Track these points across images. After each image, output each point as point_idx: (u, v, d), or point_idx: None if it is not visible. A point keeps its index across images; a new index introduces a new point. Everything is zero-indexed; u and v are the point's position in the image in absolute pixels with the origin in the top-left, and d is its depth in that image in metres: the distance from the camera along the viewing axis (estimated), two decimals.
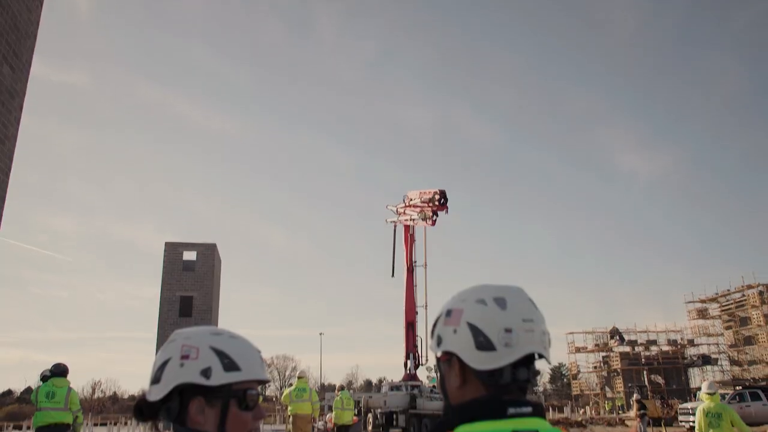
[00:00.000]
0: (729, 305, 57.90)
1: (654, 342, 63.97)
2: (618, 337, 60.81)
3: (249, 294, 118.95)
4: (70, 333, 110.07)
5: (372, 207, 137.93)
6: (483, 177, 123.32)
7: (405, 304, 35.02)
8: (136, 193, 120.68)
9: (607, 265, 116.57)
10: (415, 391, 29.11)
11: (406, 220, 35.43)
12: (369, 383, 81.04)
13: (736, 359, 57.59)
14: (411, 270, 35.63)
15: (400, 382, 31.93)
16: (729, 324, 58.15)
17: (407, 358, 33.78)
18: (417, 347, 33.87)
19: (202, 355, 1.31)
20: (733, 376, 55.94)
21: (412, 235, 36.15)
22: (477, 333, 1.13)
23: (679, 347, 62.60)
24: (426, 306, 34.56)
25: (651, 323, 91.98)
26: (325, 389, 54.83)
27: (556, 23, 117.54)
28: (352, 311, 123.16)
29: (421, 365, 33.65)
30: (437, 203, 32.27)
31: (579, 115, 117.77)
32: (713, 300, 59.68)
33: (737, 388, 33.54)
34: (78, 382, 77.41)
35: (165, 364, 1.32)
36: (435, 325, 1.24)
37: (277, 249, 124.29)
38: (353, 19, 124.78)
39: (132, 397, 76.63)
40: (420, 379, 32.83)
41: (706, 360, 59.70)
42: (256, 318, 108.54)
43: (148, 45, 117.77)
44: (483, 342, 1.12)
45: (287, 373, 79.68)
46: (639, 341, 63.90)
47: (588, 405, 62.69)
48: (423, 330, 34.09)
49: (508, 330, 1.13)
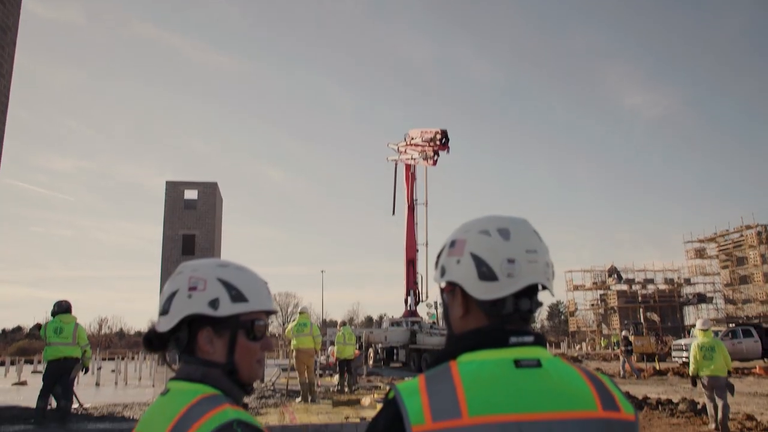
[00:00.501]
0: (727, 245, 58.35)
1: (651, 281, 64.83)
2: (616, 276, 61.58)
3: (250, 232, 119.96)
4: (74, 271, 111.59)
5: (372, 146, 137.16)
6: (484, 116, 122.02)
7: (406, 241, 35.26)
8: (135, 133, 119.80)
9: (607, 205, 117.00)
10: (415, 327, 29.68)
11: (407, 159, 35.21)
12: (370, 319, 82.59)
13: (730, 298, 58.51)
14: (412, 208, 35.71)
15: (400, 318, 32.48)
16: (726, 264, 58.77)
17: (408, 294, 34.27)
18: (417, 284, 34.32)
19: (209, 287, 1.32)
20: (727, 314, 56.97)
21: (413, 174, 36.02)
22: (480, 263, 1.12)
23: (676, 286, 63.50)
24: (426, 244, 34.88)
25: (649, 263, 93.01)
26: (327, 325, 55.87)
27: None
28: (353, 249, 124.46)
29: (422, 302, 34.22)
30: (438, 143, 31.96)
31: (582, 55, 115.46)
32: (712, 240, 60.09)
33: (730, 325, 34.21)
34: (85, 319, 78.98)
35: (173, 295, 1.34)
36: (439, 256, 1.23)
37: (278, 188, 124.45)
38: None
39: (138, 333, 78.28)
40: (420, 316, 33.42)
41: (701, 298, 60.65)
42: (257, 256, 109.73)
43: None
44: (485, 272, 1.12)
45: (289, 310, 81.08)
46: (636, 280, 64.74)
47: (584, 341, 64.13)
48: (423, 267, 34.55)
49: (510, 260, 1.12)
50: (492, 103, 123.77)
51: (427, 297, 34.28)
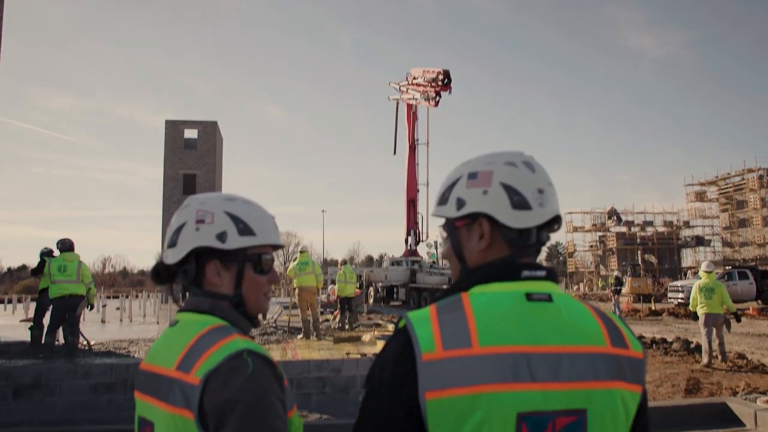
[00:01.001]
0: (728, 188, 58.26)
1: (650, 223, 65.09)
2: (615, 218, 61.72)
3: (251, 172, 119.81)
4: (75, 211, 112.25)
5: (374, 85, 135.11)
6: (487, 55, 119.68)
7: (406, 181, 35.26)
8: (133, 71, 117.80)
9: (609, 147, 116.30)
10: (416, 266, 30.08)
11: (408, 98, 34.74)
12: (370, 259, 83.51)
13: (728, 241, 58.88)
14: (413, 148, 35.52)
15: (400, 257, 32.89)
16: (725, 207, 58.85)
17: (408, 234, 34.54)
18: (418, 224, 34.52)
19: (217, 220, 1.32)
20: (724, 256, 57.49)
21: (414, 113, 35.64)
22: (512, 192, 1.12)
23: (675, 228, 63.80)
24: (427, 184, 34.91)
25: (649, 205, 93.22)
26: (328, 264, 56.54)
27: None
28: (353, 189, 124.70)
29: (422, 242, 34.51)
30: (441, 83, 31.35)
31: None
32: (712, 183, 59.96)
33: (727, 267, 34.58)
34: (88, 257, 79.83)
35: (181, 228, 1.34)
36: (448, 190, 1.20)
37: (278, 127, 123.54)
38: None
39: (142, 272, 79.37)
40: (420, 255, 33.79)
41: (699, 241, 61.05)
42: (258, 195, 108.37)
43: None
44: (519, 201, 1.12)
45: (291, 249, 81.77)
46: (636, 222, 64.99)
47: (582, 282, 64.97)
48: (424, 207, 34.64)
49: (540, 191, 1.14)
50: (494, 42, 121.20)
51: (428, 237, 34.57)
